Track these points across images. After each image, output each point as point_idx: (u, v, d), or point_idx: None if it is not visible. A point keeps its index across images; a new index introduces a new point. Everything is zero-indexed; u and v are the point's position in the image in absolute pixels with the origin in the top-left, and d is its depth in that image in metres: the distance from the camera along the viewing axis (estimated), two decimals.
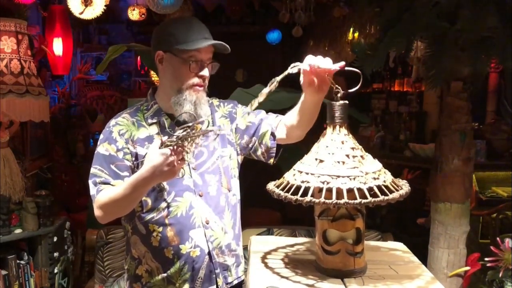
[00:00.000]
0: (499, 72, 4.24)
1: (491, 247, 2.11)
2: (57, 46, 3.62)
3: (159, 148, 1.31)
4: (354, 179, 1.13)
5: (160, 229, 1.54)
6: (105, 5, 3.35)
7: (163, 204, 1.53)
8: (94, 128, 4.93)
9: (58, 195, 3.68)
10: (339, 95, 1.23)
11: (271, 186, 1.25)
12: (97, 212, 1.48)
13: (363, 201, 1.09)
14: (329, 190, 1.11)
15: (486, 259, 2.11)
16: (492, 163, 3.58)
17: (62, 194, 3.99)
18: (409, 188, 1.21)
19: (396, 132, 4.40)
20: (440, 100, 3.60)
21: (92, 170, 1.52)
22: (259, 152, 1.63)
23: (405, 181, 1.26)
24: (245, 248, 1.65)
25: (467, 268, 2.23)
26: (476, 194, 3.32)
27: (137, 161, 1.52)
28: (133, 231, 1.59)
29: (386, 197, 1.12)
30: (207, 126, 1.59)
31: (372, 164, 1.20)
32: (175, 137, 1.28)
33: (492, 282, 2.13)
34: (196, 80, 1.51)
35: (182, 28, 1.50)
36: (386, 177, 1.19)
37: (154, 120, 1.57)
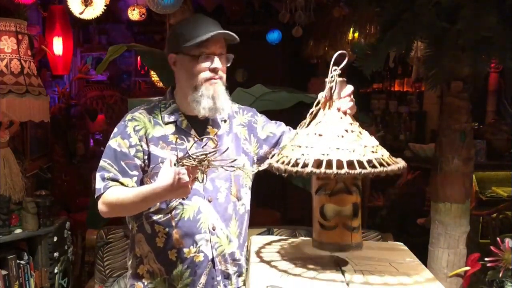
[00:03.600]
0: (499, 72, 4.24)
1: (491, 247, 2.11)
2: (57, 46, 3.62)
3: (175, 164, 1.30)
4: (353, 151, 1.15)
5: (166, 230, 1.53)
6: (105, 5, 3.35)
7: (171, 206, 1.52)
8: (94, 128, 4.93)
9: (58, 195, 3.68)
10: (335, 73, 1.24)
11: (268, 161, 1.27)
12: (102, 207, 1.49)
13: (363, 171, 1.11)
14: (329, 163, 1.13)
15: (486, 259, 2.11)
16: (492, 163, 3.59)
17: (62, 194, 3.99)
18: (405, 163, 1.23)
19: (396, 132, 4.41)
20: (440, 100, 3.61)
21: (102, 163, 1.51)
22: None
23: (400, 158, 1.28)
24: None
25: (467, 268, 2.23)
26: (476, 194, 3.32)
27: (149, 159, 1.51)
28: (138, 229, 1.59)
29: (385, 168, 1.14)
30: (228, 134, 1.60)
31: (370, 140, 1.22)
32: (192, 157, 1.28)
33: (492, 282, 2.13)
34: (208, 74, 1.50)
35: (189, 26, 1.50)
36: (383, 152, 1.21)
37: (171, 120, 1.56)
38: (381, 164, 1.16)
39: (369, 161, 1.15)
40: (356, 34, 4.23)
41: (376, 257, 1.36)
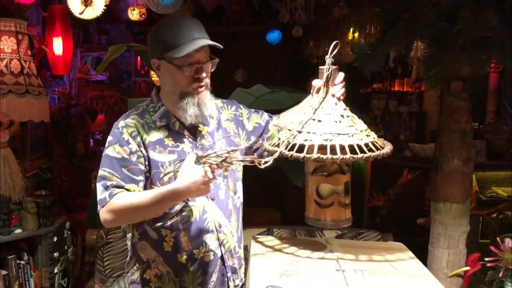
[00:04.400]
0: (499, 72, 4.24)
1: (491, 247, 2.11)
2: (57, 46, 3.62)
3: (195, 163, 1.30)
4: (352, 136, 1.24)
5: (174, 234, 1.51)
6: (105, 5, 3.35)
7: (177, 209, 1.50)
8: (94, 128, 4.93)
9: (58, 195, 3.68)
10: (329, 60, 1.30)
11: (270, 147, 1.30)
12: (106, 216, 1.43)
13: (365, 155, 1.21)
14: (332, 148, 1.21)
15: (486, 259, 2.11)
16: (492, 163, 3.58)
17: (62, 194, 3.99)
18: (391, 145, 1.33)
19: (396, 132, 4.40)
20: (440, 100, 3.61)
21: (101, 172, 1.46)
22: (262, 153, 1.64)
23: (381, 139, 1.37)
24: (245, 248, 1.65)
25: (467, 268, 2.23)
26: (476, 194, 3.32)
27: (150, 165, 1.47)
28: (141, 237, 1.55)
29: (381, 152, 1.25)
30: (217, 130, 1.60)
31: (361, 123, 1.32)
32: (214, 154, 1.30)
33: (492, 282, 2.13)
34: (194, 83, 1.48)
35: (170, 32, 1.45)
36: (373, 134, 1.32)
37: (163, 123, 1.53)
38: (376, 148, 1.26)
39: (366, 145, 1.24)
40: (356, 34, 4.23)
41: (376, 257, 1.36)
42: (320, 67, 1.32)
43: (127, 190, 1.44)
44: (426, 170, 2.85)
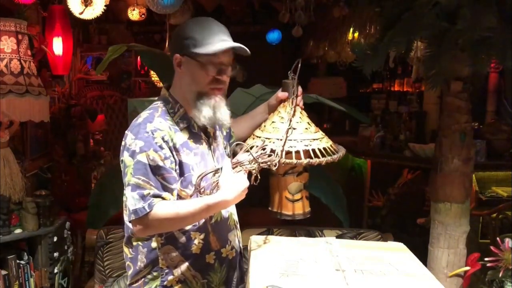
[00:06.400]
0: (499, 72, 4.24)
1: (491, 247, 2.11)
2: (57, 46, 3.61)
3: (233, 170, 1.37)
4: (321, 140, 1.44)
5: (203, 236, 1.51)
6: (105, 5, 3.35)
7: None
8: (94, 128, 4.93)
9: (58, 195, 3.68)
10: (292, 75, 1.52)
11: (255, 154, 1.39)
12: (146, 226, 1.39)
13: (337, 156, 1.43)
14: (314, 151, 1.39)
15: (486, 259, 2.11)
16: (492, 163, 3.58)
17: (62, 194, 3.98)
18: (344, 148, 1.54)
19: (396, 132, 4.40)
20: (440, 100, 3.61)
21: (135, 180, 1.39)
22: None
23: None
24: (245, 248, 1.66)
25: (467, 268, 2.23)
26: (476, 194, 3.32)
27: (181, 168, 1.45)
28: (166, 242, 1.49)
29: (343, 152, 1.49)
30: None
31: (320, 131, 1.51)
32: (248, 159, 1.38)
33: (492, 282, 2.13)
34: (214, 83, 1.47)
35: (200, 30, 1.44)
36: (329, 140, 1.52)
37: (185, 125, 1.51)
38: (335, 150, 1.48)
39: (331, 146, 1.46)
40: (356, 34, 4.23)
41: (376, 257, 1.36)
42: (284, 80, 1.53)
43: (163, 199, 1.40)
44: (426, 170, 2.85)
